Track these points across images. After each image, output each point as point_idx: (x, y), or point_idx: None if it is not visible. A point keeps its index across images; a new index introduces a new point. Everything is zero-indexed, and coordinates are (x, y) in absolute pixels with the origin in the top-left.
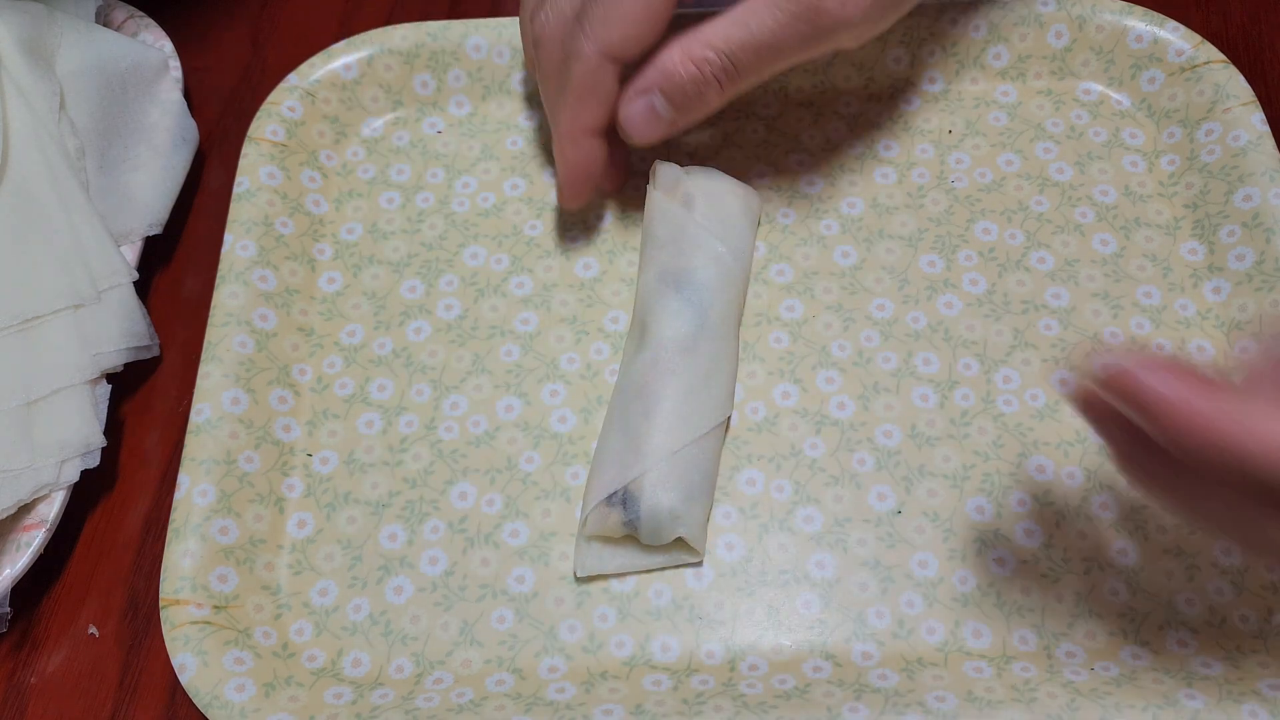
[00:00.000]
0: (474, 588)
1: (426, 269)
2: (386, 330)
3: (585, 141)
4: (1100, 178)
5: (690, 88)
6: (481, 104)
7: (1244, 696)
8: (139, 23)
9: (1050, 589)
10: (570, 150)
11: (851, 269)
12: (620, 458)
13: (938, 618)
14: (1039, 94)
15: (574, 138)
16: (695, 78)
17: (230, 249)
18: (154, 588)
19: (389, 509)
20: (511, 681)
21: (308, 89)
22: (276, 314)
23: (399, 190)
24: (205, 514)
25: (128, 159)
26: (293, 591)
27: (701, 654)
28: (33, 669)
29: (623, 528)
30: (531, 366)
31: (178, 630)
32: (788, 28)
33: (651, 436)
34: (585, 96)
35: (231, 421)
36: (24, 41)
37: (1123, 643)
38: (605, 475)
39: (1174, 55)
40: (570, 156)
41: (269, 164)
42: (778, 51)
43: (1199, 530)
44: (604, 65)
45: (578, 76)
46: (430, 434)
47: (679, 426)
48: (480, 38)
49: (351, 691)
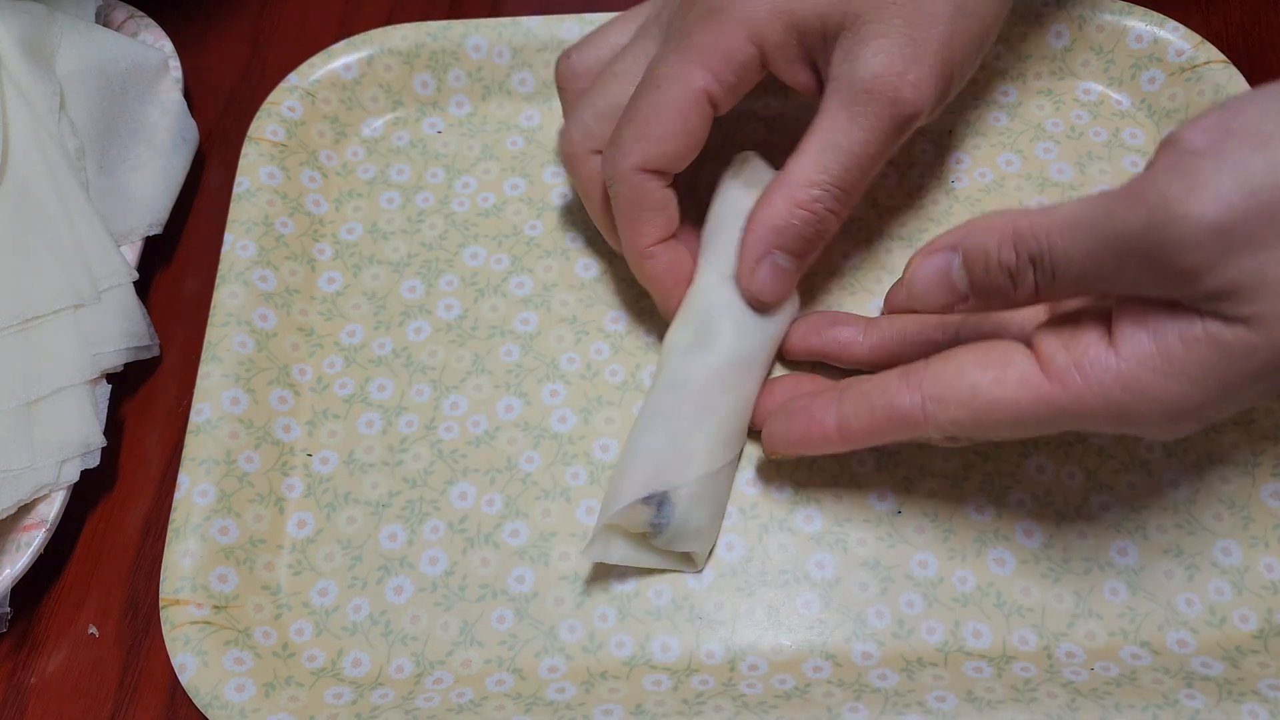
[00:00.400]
0: (474, 588)
1: (426, 269)
2: (386, 330)
3: (659, 255)
4: (1100, 178)
5: (809, 231)
6: (481, 104)
7: (1244, 696)
8: (139, 23)
9: (1050, 589)
10: (648, 268)
11: (852, 269)
12: (662, 459)
13: (938, 618)
14: (1039, 94)
15: (645, 255)
16: (810, 220)
17: (230, 249)
18: (154, 588)
19: (389, 509)
20: (511, 681)
21: (308, 89)
22: (276, 314)
23: (399, 190)
24: (205, 514)
25: (128, 159)
26: (293, 591)
27: (701, 654)
28: (33, 669)
29: (647, 526)
30: (531, 366)
31: (178, 630)
32: (876, 130)
33: (698, 448)
34: (637, 214)
35: (231, 421)
36: (24, 41)
37: (1123, 643)
38: (643, 470)
39: (1174, 55)
40: (650, 272)
41: (269, 164)
42: (875, 158)
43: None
44: (646, 180)
45: (623, 198)
46: (430, 434)
47: (723, 447)
48: (480, 38)
49: (351, 691)
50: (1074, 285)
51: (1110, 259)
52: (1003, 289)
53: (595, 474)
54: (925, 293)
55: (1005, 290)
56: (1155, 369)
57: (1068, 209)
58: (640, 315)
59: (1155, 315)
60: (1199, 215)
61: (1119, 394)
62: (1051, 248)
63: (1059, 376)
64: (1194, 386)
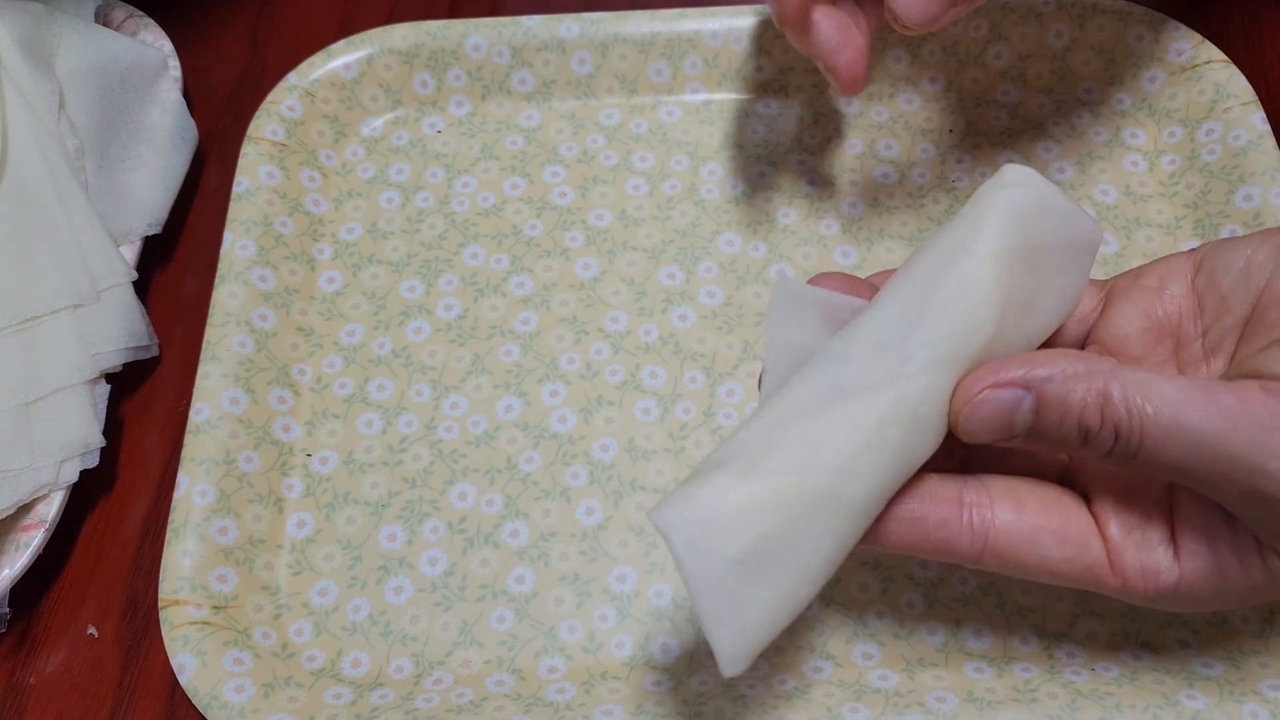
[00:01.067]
0: (474, 588)
1: (426, 269)
2: (386, 330)
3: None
4: (1101, 177)
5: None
6: (481, 103)
7: (1245, 697)
8: (138, 22)
9: (1051, 589)
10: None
11: (852, 269)
12: None
13: (938, 618)
14: (1039, 93)
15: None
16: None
17: (229, 248)
18: (153, 588)
19: (388, 509)
20: (511, 682)
21: (307, 88)
22: (276, 314)
23: (398, 190)
24: (204, 514)
25: (127, 158)
26: (292, 592)
27: (702, 654)
28: (32, 670)
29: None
30: (531, 366)
31: (177, 631)
32: None
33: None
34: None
35: (231, 421)
36: (23, 41)
37: (1123, 643)
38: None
39: (1174, 55)
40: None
41: (268, 163)
42: None
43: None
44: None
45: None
46: (430, 434)
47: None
48: (480, 37)
49: (351, 692)
50: (1148, 472)
51: (1204, 473)
52: (1069, 445)
53: (595, 474)
54: (979, 428)
55: (1071, 446)
56: (1211, 585)
57: (1171, 397)
58: (640, 315)
59: (1217, 532)
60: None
61: (1170, 601)
62: (1144, 433)
63: (1123, 574)
64: (1235, 600)
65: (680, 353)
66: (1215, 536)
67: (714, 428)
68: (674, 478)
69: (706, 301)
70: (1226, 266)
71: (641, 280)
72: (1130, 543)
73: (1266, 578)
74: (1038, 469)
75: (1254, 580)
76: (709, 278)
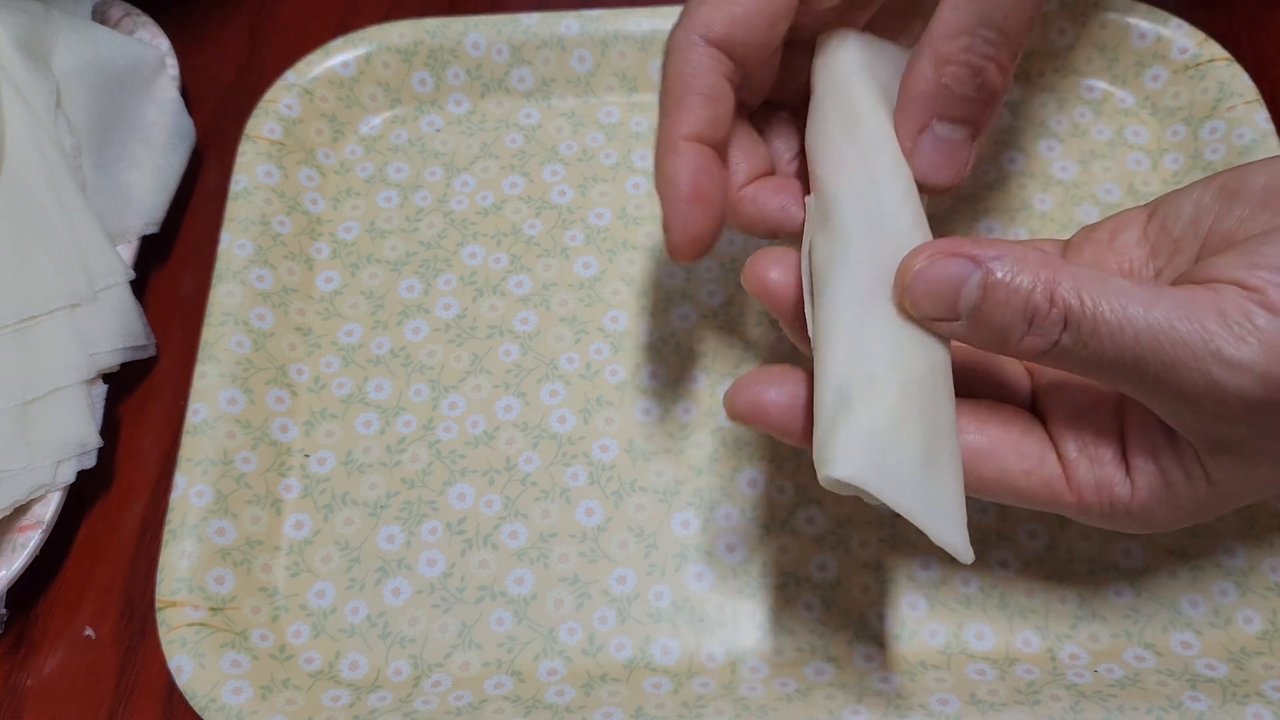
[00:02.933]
0: (472, 589)
1: (425, 268)
2: (384, 330)
3: (688, 152)
4: (1104, 176)
5: (969, 88)
6: (480, 102)
7: (1248, 698)
8: (136, 20)
9: (1054, 590)
10: (667, 162)
11: None
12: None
13: (940, 620)
14: (1042, 91)
15: (671, 147)
16: (964, 75)
17: (227, 248)
18: (151, 589)
19: (387, 510)
20: (510, 684)
21: (305, 87)
22: (274, 313)
23: (397, 189)
24: (202, 515)
25: (124, 157)
26: (290, 593)
27: (702, 657)
28: (29, 671)
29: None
30: (531, 366)
31: (174, 632)
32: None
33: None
34: (684, 93)
35: (228, 422)
36: (20, 39)
37: (1126, 644)
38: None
39: (1178, 53)
40: (667, 169)
41: (266, 162)
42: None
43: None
44: (705, 53)
45: (673, 69)
46: (429, 434)
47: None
48: (479, 35)
49: (349, 694)
50: (1092, 370)
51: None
52: (1010, 332)
53: (595, 474)
54: (923, 296)
55: (1012, 334)
56: (1161, 500)
57: (1127, 297)
58: (640, 315)
59: (1160, 449)
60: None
61: (1124, 518)
62: (1095, 324)
63: (1079, 491)
64: (1189, 515)
65: (681, 353)
66: (1159, 452)
67: (714, 428)
68: (674, 478)
69: (707, 301)
70: (1178, 213)
71: (642, 280)
72: (1085, 459)
73: (1209, 490)
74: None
75: (1198, 493)
76: (709, 277)
